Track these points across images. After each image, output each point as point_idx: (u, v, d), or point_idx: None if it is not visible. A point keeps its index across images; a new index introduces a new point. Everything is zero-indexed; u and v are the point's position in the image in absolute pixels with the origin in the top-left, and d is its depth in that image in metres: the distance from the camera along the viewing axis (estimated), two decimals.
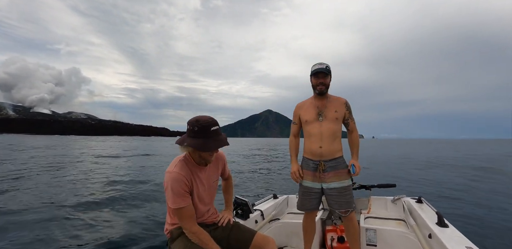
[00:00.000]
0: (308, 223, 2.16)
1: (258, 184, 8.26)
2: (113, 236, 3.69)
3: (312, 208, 2.08)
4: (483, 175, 10.72)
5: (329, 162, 1.97)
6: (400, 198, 2.81)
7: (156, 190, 6.92)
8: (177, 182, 1.42)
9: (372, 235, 2.33)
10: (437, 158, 19.89)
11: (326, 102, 2.02)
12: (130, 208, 5.28)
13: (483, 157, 21.44)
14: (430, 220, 2.01)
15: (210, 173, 1.66)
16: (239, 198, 2.34)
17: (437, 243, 1.71)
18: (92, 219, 4.45)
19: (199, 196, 1.58)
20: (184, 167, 1.48)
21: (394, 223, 2.50)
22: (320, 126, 1.98)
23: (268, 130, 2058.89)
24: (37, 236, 3.64)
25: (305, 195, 2.07)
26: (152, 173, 10.32)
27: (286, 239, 2.59)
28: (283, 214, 2.95)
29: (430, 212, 2.25)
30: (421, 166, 13.91)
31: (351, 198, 1.99)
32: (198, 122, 1.40)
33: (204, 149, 1.41)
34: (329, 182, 1.96)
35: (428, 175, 10.66)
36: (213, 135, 1.42)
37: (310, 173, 2.03)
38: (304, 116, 2.06)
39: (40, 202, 5.44)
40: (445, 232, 1.77)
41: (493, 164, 14.95)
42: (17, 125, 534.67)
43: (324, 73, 1.95)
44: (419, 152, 28.66)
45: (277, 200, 2.98)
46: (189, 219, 1.44)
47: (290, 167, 2.12)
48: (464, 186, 8.29)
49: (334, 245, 2.30)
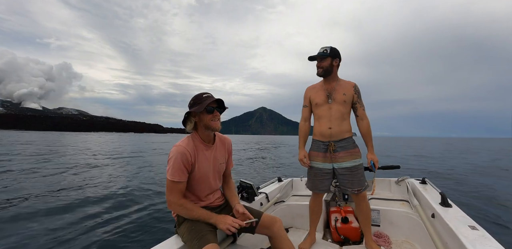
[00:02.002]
0: (316, 203, 2.20)
1: (261, 169, 8.29)
2: (124, 221, 3.82)
3: (324, 189, 2.09)
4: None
5: (338, 142, 1.99)
6: (404, 179, 2.84)
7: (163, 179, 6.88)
8: (179, 155, 1.47)
9: (375, 216, 2.37)
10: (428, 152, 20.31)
11: (335, 85, 2.05)
12: (140, 196, 5.36)
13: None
14: (433, 201, 2.02)
15: (217, 154, 1.67)
16: (244, 182, 2.34)
17: (440, 223, 1.71)
18: (100, 210, 4.41)
19: (203, 175, 1.58)
20: (190, 142, 1.55)
21: (398, 204, 2.52)
22: (329, 108, 2.02)
23: (262, 127, 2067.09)
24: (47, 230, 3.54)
25: (317, 176, 2.08)
26: (154, 169, 10.13)
27: (291, 220, 2.63)
28: (288, 196, 2.99)
29: (434, 193, 2.27)
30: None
31: (362, 176, 2.01)
32: (192, 98, 1.56)
33: (201, 107, 1.48)
34: (341, 161, 1.98)
35: (432, 159, 10.86)
36: (207, 98, 1.52)
37: (321, 154, 2.05)
38: (314, 99, 2.10)
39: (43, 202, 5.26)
40: (448, 212, 1.77)
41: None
42: (6, 121, 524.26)
43: (319, 57, 2.01)
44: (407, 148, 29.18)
45: (282, 183, 3.03)
46: (177, 193, 1.49)
47: (299, 155, 2.11)
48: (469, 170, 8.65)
49: (338, 226, 2.31)
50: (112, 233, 3.42)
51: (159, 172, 8.62)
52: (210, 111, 1.52)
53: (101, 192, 5.57)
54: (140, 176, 7.94)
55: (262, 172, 7.46)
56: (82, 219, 3.93)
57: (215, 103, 1.55)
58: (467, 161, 14.35)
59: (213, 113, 1.54)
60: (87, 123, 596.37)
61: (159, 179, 7.28)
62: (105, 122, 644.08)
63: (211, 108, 1.52)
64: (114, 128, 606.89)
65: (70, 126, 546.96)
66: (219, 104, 1.59)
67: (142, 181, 6.99)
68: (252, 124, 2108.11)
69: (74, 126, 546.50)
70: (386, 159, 15.15)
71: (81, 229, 3.56)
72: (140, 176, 7.93)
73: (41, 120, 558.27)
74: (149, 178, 7.57)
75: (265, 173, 7.35)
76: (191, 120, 1.56)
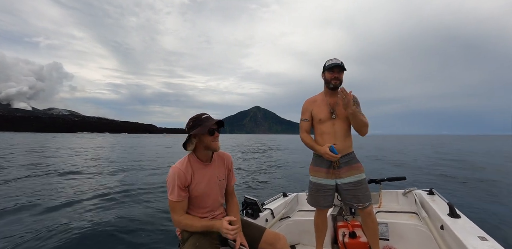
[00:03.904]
0: (320, 219, 2.14)
1: (265, 183, 8.10)
2: (127, 235, 3.70)
3: (326, 205, 2.04)
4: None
5: (342, 158, 1.95)
6: (411, 191, 2.79)
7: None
8: (176, 177, 1.50)
9: (384, 229, 2.31)
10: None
11: (338, 99, 1.98)
12: (143, 205, 5.21)
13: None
14: (442, 212, 1.98)
15: (215, 171, 1.66)
16: (248, 198, 2.29)
17: (449, 234, 1.68)
18: (102, 218, 4.31)
19: (203, 193, 1.58)
20: (186, 163, 1.56)
21: (406, 216, 2.47)
22: (333, 125, 1.96)
23: (256, 127, 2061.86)
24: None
25: (319, 192, 2.04)
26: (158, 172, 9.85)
27: (297, 236, 2.55)
28: (294, 212, 2.91)
29: (442, 204, 2.23)
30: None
31: (367, 191, 1.97)
32: (190, 119, 1.55)
33: (203, 129, 1.48)
34: (345, 177, 1.94)
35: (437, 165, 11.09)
36: (207, 120, 1.53)
37: (324, 170, 2.00)
38: (318, 114, 2.02)
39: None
40: (457, 223, 1.74)
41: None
42: None
43: (340, 67, 1.92)
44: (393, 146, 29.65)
45: (287, 198, 2.94)
46: (180, 211, 1.53)
47: (322, 151, 1.91)
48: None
49: (346, 241, 2.26)
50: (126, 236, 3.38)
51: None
52: (212, 133, 1.54)
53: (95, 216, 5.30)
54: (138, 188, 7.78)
55: (263, 188, 7.30)
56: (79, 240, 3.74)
57: (215, 125, 1.56)
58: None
59: (214, 135, 1.55)
60: (79, 124, 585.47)
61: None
62: (97, 122, 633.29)
63: (213, 130, 1.54)
64: (107, 128, 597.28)
65: (62, 127, 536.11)
66: (218, 125, 1.59)
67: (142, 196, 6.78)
68: (247, 123, 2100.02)
69: (66, 127, 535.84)
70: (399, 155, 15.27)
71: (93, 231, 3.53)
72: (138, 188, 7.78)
73: (31, 121, 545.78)
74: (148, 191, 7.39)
75: (266, 189, 7.17)
76: (192, 142, 1.57)
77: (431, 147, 30.49)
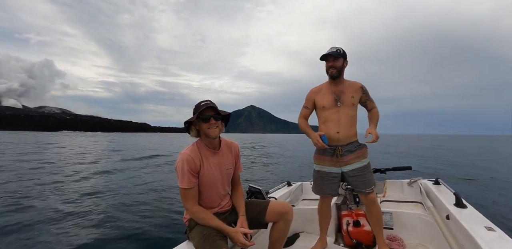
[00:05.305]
0: (324, 208, 2.15)
1: (269, 173, 8.15)
2: (133, 226, 3.75)
3: (332, 193, 2.04)
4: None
5: (345, 146, 1.95)
6: (417, 181, 2.78)
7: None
8: (185, 162, 1.49)
9: (388, 218, 2.31)
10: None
11: (343, 88, 1.98)
12: (150, 199, 5.26)
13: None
14: (447, 202, 1.97)
15: (223, 159, 1.66)
16: (253, 187, 2.29)
17: (455, 224, 1.66)
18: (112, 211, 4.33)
19: (211, 180, 1.58)
20: (194, 149, 1.56)
21: (411, 206, 2.46)
22: (338, 112, 1.96)
23: (251, 126, 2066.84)
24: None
25: (324, 179, 2.04)
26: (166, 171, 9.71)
27: (302, 225, 2.56)
28: (298, 200, 2.93)
29: (448, 193, 2.21)
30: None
31: (372, 175, 2.00)
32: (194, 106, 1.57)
33: (194, 116, 1.49)
34: (350, 163, 1.94)
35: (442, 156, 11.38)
36: (205, 106, 1.51)
37: (327, 158, 2.00)
38: (321, 102, 2.01)
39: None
40: (463, 213, 1.72)
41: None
42: None
43: (333, 56, 1.92)
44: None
45: (291, 187, 2.96)
46: (192, 200, 1.53)
47: (313, 136, 1.95)
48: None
49: (350, 229, 2.26)
50: (123, 239, 3.33)
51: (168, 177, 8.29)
52: (205, 119, 1.51)
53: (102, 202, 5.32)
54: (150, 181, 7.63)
55: (268, 177, 7.40)
56: (86, 226, 3.78)
57: (211, 111, 1.53)
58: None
59: (209, 122, 1.51)
60: (71, 122, 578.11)
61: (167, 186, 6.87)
62: (90, 121, 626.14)
63: (207, 116, 1.51)
64: (100, 127, 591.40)
65: (54, 125, 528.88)
66: (216, 111, 1.56)
67: (150, 187, 6.71)
68: (241, 122, 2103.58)
69: (57, 126, 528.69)
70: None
71: (83, 235, 3.43)
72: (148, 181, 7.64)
73: (22, 119, 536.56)
74: (157, 183, 7.33)
75: (271, 178, 7.30)
76: (191, 129, 1.58)
77: (428, 147, 30.38)
